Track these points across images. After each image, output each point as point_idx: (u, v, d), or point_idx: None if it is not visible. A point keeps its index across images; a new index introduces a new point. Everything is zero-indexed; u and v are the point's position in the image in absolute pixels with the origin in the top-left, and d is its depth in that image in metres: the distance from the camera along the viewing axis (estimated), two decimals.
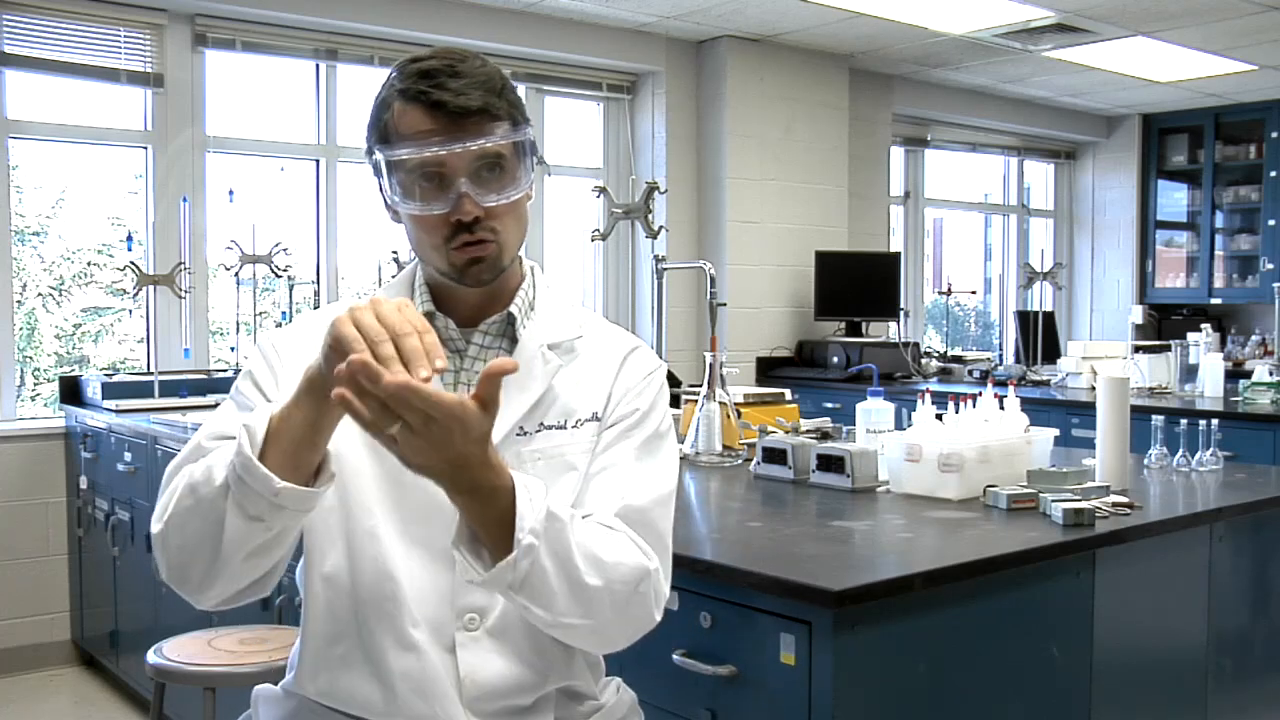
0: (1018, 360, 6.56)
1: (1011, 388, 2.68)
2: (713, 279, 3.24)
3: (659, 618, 1.40)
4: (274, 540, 1.30)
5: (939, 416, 2.59)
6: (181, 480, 1.31)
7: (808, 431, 2.91)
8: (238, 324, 4.77)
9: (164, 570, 1.35)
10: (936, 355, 6.46)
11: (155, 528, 1.33)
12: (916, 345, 6.26)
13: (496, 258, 1.42)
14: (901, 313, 6.49)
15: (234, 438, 1.27)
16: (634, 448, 1.46)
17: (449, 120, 1.36)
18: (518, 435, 1.45)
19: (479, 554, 1.26)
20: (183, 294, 4.49)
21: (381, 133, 1.41)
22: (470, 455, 1.18)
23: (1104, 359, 5.40)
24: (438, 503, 1.41)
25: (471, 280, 1.43)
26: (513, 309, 1.49)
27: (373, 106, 1.43)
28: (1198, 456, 2.76)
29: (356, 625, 1.41)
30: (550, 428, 1.46)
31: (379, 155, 1.40)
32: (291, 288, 4.62)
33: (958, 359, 6.40)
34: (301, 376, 1.23)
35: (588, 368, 1.51)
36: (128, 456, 3.90)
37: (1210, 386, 4.97)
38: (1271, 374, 4.86)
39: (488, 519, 1.24)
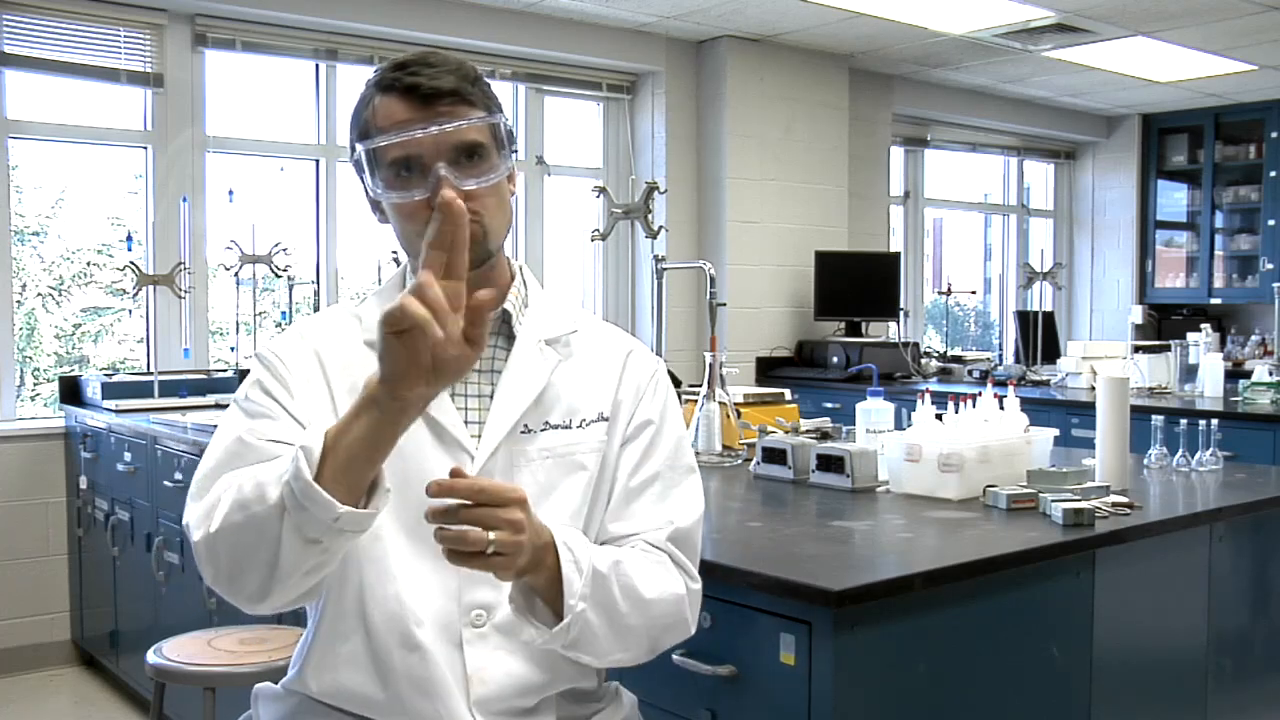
0: (1017, 360, 6.56)
1: (1011, 388, 2.68)
2: (712, 279, 3.24)
3: (694, 630, 1.49)
4: (327, 561, 1.30)
5: (939, 416, 2.59)
6: (228, 493, 1.29)
7: (808, 431, 2.90)
8: (238, 324, 4.77)
9: (211, 578, 1.33)
10: (936, 355, 6.46)
11: (197, 535, 1.30)
12: (916, 345, 6.26)
13: (481, 242, 1.40)
14: (901, 313, 6.49)
15: (277, 441, 1.30)
16: (667, 459, 1.52)
17: (424, 105, 1.38)
18: (522, 433, 1.46)
19: (532, 608, 1.34)
20: (182, 294, 4.49)
21: (362, 130, 1.44)
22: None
23: (1104, 359, 5.40)
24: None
25: None
26: (507, 306, 1.49)
27: (354, 109, 1.47)
28: (1198, 456, 2.76)
29: (363, 625, 1.41)
30: (556, 427, 1.47)
31: (360, 150, 1.42)
32: (291, 288, 4.62)
33: (957, 359, 6.39)
34: (362, 389, 1.21)
35: (588, 366, 1.52)
36: (128, 456, 3.90)
37: (1210, 386, 4.97)
38: (1271, 374, 4.86)
39: (538, 582, 1.32)
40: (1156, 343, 5.68)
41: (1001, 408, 2.60)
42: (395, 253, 4.44)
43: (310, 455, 1.21)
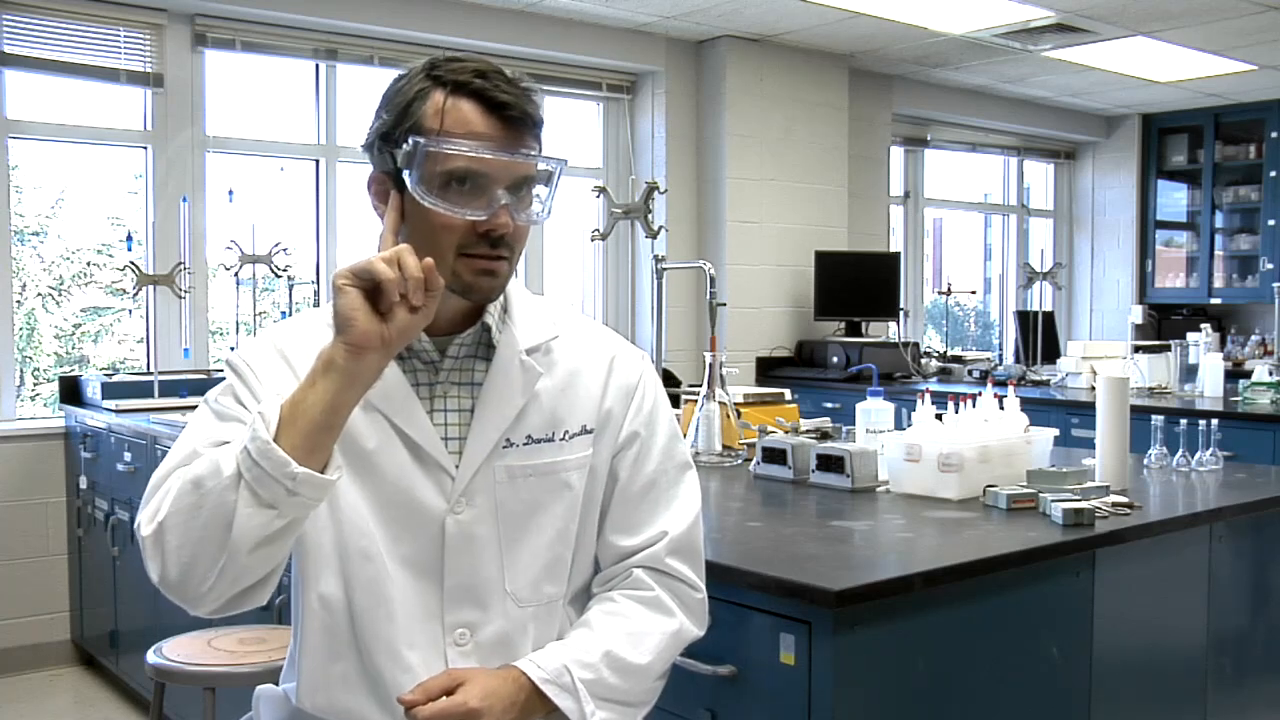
0: (1017, 360, 6.56)
1: (1011, 388, 2.68)
2: (712, 279, 3.24)
3: (702, 632, 1.51)
4: (280, 534, 1.25)
5: (939, 416, 2.59)
6: (177, 480, 1.26)
7: (807, 431, 2.90)
8: (237, 324, 4.77)
9: (159, 572, 1.27)
10: (936, 355, 6.46)
11: (147, 530, 1.26)
12: (916, 345, 6.25)
13: (506, 277, 1.39)
14: (901, 313, 6.49)
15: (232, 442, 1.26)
16: (661, 461, 1.50)
17: (506, 126, 1.33)
18: (504, 448, 1.42)
19: None
20: (182, 294, 4.49)
21: (416, 122, 1.33)
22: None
23: (1104, 359, 5.40)
24: (423, 519, 1.39)
25: (478, 295, 1.38)
26: (488, 319, 1.43)
27: (392, 96, 1.36)
28: (1197, 456, 2.76)
29: (355, 645, 1.39)
30: (539, 441, 1.43)
31: (413, 143, 1.31)
32: (291, 288, 4.62)
33: (957, 359, 6.39)
34: (316, 359, 1.24)
35: (571, 375, 1.47)
36: (127, 456, 3.90)
37: (1210, 386, 4.97)
38: (1271, 374, 4.86)
39: (538, 713, 1.37)
40: (1156, 343, 5.68)
41: (1001, 408, 2.60)
42: None
43: (268, 418, 1.22)
